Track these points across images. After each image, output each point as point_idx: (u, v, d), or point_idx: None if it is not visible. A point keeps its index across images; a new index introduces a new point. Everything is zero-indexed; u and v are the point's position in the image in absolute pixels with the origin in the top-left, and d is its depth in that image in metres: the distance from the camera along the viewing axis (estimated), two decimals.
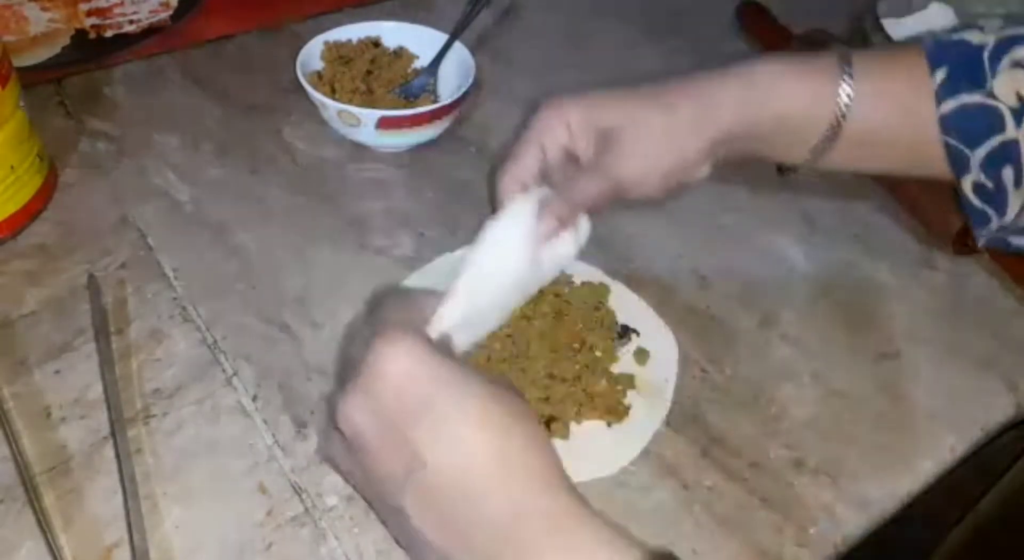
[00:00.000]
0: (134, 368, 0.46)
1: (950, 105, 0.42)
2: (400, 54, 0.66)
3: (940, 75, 0.42)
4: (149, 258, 0.52)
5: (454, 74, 0.63)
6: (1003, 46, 0.41)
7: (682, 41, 0.78)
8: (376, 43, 0.65)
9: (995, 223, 0.44)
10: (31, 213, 0.53)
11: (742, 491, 0.43)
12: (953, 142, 0.42)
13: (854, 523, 0.43)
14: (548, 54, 0.74)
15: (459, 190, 0.59)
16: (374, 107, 0.59)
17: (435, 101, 0.63)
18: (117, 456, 0.41)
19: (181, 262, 0.52)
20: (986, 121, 0.41)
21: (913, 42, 0.44)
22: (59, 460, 0.41)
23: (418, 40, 0.66)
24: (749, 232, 0.58)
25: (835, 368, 0.50)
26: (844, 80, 0.43)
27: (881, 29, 0.67)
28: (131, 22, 0.66)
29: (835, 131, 0.43)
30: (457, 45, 0.64)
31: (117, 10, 0.65)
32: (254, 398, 0.45)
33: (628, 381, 0.47)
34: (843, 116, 0.43)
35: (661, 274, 0.54)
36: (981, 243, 0.46)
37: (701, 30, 0.79)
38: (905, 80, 0.43)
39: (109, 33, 0.66)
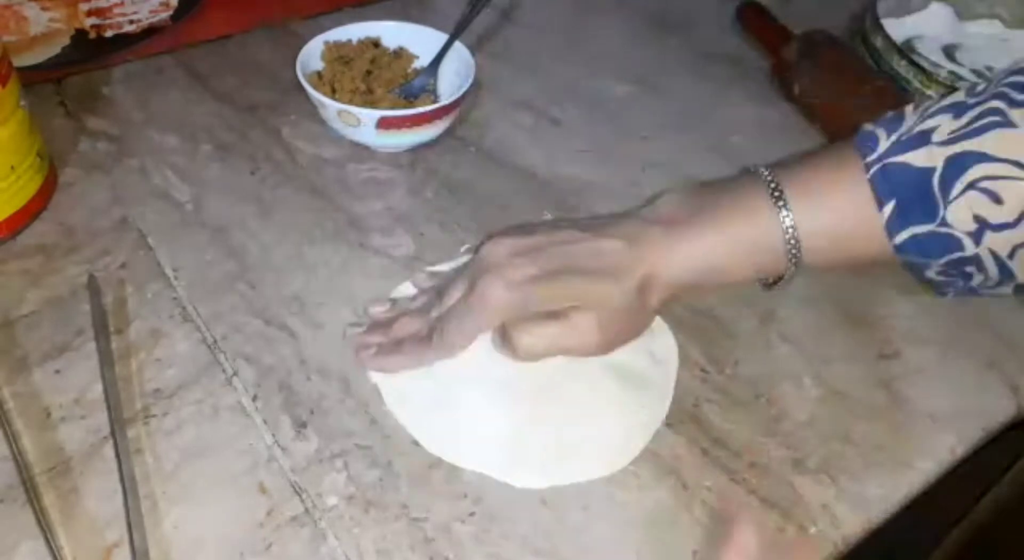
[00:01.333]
0: (134, 368, 0.46)
1: (903, 236, 0.42)
2: (400, 54, 0.66)
3: (887, 210, 0.42)
4: (149, 258, 0.52)
5: (454, 74, 0.63)
6: (955, 167, 0.40)
7: (682, 41, 0.78)
8: (376, 43, 0.65)
9: (962, 287, 0.45)
10: (31, 213, 0.53)
11: (742, 491, 0.43)
12: (909, 259, 0.43)
13: (854, 523, 0.43)
14: (548, 54, 0.74)
15: (459, 190, 0.59)
16: (374, 107, 0.59)
17: (435, 101, 0.63)
18: (117, 456, 0.41)
19: (181, 262, 0.52)
20: (942, 245, 0.42)
21: (853, 152, 0.44)
22: (59, 460, 0.41)
23: (418, 40, 0.66)
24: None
25: (835, 368, 0.50)
26: (786, 224, 0.43)
27: (881, 29, 0.67)
28: (131, 22, 0.66)
29: (795, 253, 0.44)
30: (457, 45, 0.64)
31: (117, 10, 0.65)
32: (254, 398, 0.45)
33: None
34: (794, 256, 0.44)
35: None
36: (949, 297, 0.48)
37: (701, 31, 0.79)
38: (852, 220, 0.43)
39: (109, 33, 0.66)
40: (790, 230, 0.43)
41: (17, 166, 0.51)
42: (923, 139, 0.41)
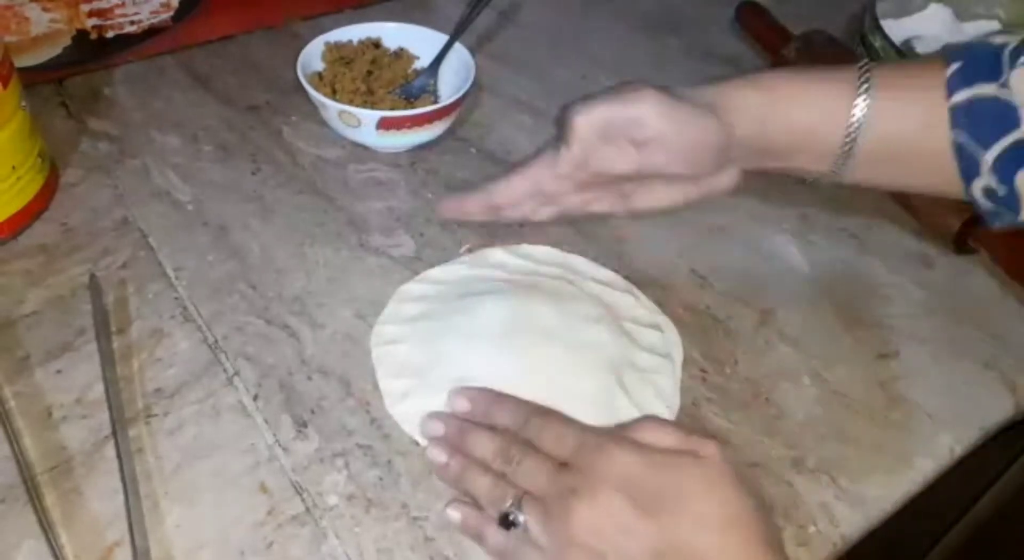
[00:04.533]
0: (135, 368, 0.46)
1: (962, 96, 0.40)
2: (400, 55, 0.66)
3: (954, 66, 0.41)
4: (150, 258, 0.52)
5: (454, 74, 0.63)
6: (1019, 49, 0.39)
7: (681, 41, 0.78)
8: (377, 44, 0.66)
9: (1007, 219, 0.42)
10: (32, 213, 0.53)
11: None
12: (963, 140, 0.41)
13: (853, 522, 0.43)
14: (547, 54, 0.74)
15: (459, 190, 0.59)
16: (374, 108, 0.59)
17: (435, 101, 0.63)
18: (118, 455, 0.41)
19: (182, 262, 0.52)
20: (999, 116, 0.40)
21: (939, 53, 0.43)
22: (60, 459, 0.41)
23: (418, 41, 0.66)
24: (748, 232, 0.59)
25: (835, 368, 0.50)
26: (860, 96, 0.42)
27: (880, 29, 0.67)
28: (132, 23, 0.66)
29: (849, 147, 0.43)
30: (457, 45, 0.64)
31: (118, 11, 0.65)
32: (255, 398, 0.45)
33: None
34: (856, 132, 0.43)
35: (661, 274, 0.54)
36: (995, 226, 0.44)
37: (701, 30, 0.79)
38: (923, 95, 0.42)
39: (110, 33, 0.66)
40: (862, 93, 0.42)
41: (18, 166, 0.51)
42: (1003, 34, 0.42)
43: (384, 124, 0.57)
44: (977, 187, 0.42)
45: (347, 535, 0.40)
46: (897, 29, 0.71)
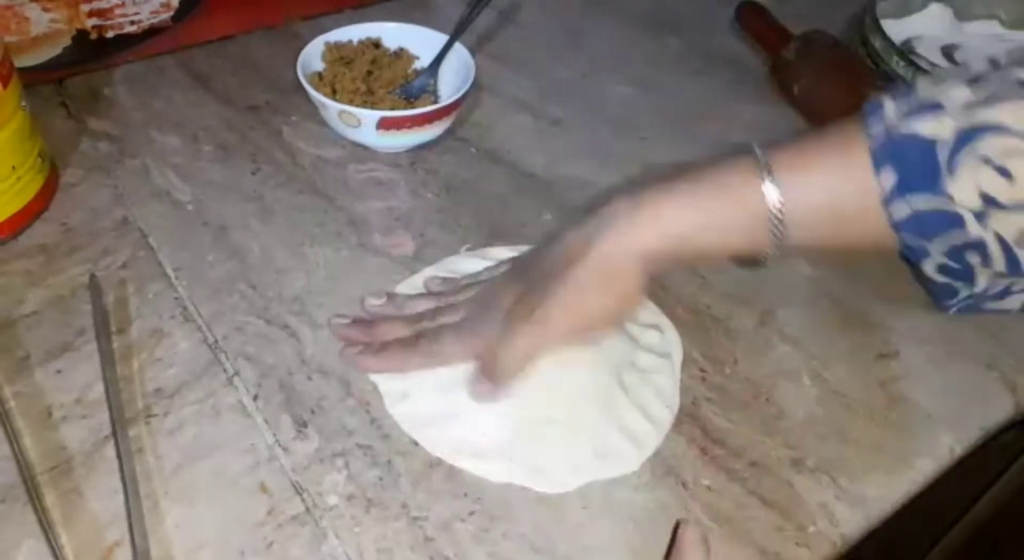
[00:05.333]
0: (135, 368, 0.46)
1: (902, 211, 0.38)
2: (400, 55, 0.66)
3: (887, 181, 0.38)
4: (150, 258, 0.52)
5: (454, 74, 0.63)
6: (965, 138, 0.37)
7: (682, 41, 0.78)
8: (377, 44, 0.66)
9: (963, 294, 0.41)
10: (32, 213, 0.53)
11: (742, 491, 0.43)
12: (908, 239, 0.39)
13: (853, 522, 0.43)
14: (547, 54, 0.74)
15: (459, 190, 0.60)
16: (374, 108, 0.59)
17: (435, 101, 0.63)
18: (118, 455, 0.41)
19: (182, 262, 0.52)
20: (943, 222, 0.38)
21: (857, 125, 0.40)
22: (60, 459, 0.41)
23: (418, 41, 0.66)
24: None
25: (834, 368, 0.50)
26: (772, 199, 0.39)
27: (880, 29, 0.67)
28: (132, 23, 0.66)
29: (776, 246, 0.41)
30: (457, 45, 0.64)
31: (118, 11, 0.65)
32: (255, 398, 0.45)
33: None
34: (778, 233, 0.40)
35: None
36: (951, 312, 0.43)
37: (701, 30, 0.79)
38: (848, 194, 0.39)
39: (110, 33, 0.66)
40: (775, 204, 0.40)
41: (18, 166, 0.51)
42: (934, 108, 0.38)
43: (384, 124, 0.57)
44: (929, 266, 0.40)
45: (347, 535, 0.40)
46: (897, 29, 0.71)
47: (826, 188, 0.40)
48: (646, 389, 0.47)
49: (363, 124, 0.57)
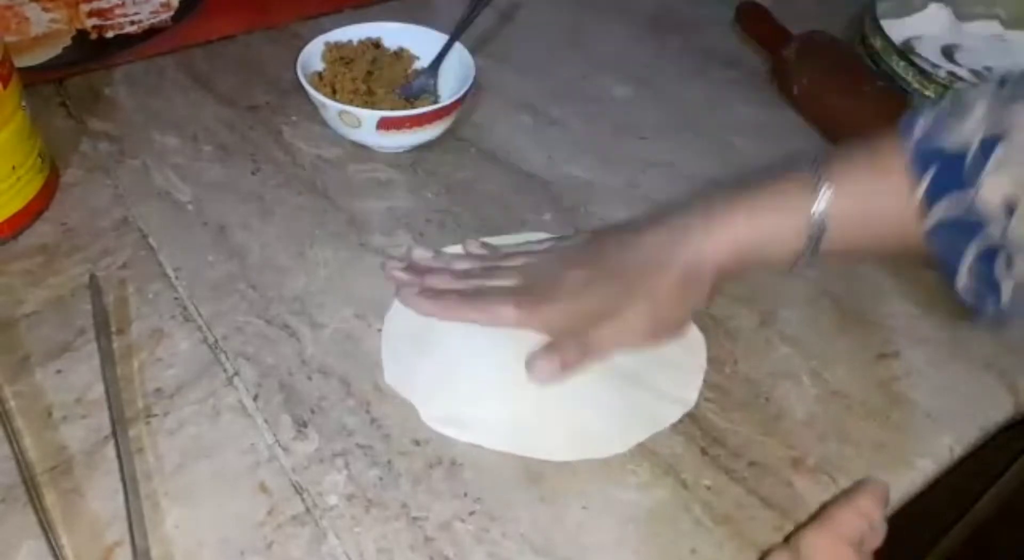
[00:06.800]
0: (135, 368, 0.46)
1: (934, 216, 0.40)
2: (401, 55, 0.66)
3: (922, 187, 0.40)
4: (150, 258, 0.52)
5: (454, 75, 0.63)
6: (991, 140, 0.38)
7: (682, 41, 0.78)
8: (377, 44, 0.66)
9: (991, 311, 0.42)
10: (32, 213, 0.53)
11: (742, 491, 0.43)
12: (939, 250, 0.41)
13: None
14: (548, 54, 0.74)
15: (459, 190, 0.60)
16: (375, 108, 0.59)
17: (435, 102, 0.63)
18: (118, 455, 0.41)
19: (182, 262, 0.52)
20: (972, 226, 0.40)
21: (893, 141, 0.42)
22: (60, 459, 0.41)
23: (419, 41, 0.66)
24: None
25: (834, 368, 0.50)
26: (817, 205, 0.42)
27: (880, 29, 0.67)
28: (132, 23, 0.66)
29: (812, 255, 0.43)
30: (457, 46, 0.64)
31: (118, 11, 0.65)
32: (255, 398, 0.45)
33: None
34: (818, 242, 0.43)
35: None
36: (982, 327, 0.46)
37: (701, 31, 0.79)
38: (884, 196, 0.42)
39: (110, 33, 0.66)
40: (819, 208, 0.42)
41: (18, 166, 0.51)
42: (963, 114, 0.40)
43: (384, 124, 0.57)
44: (960, 284, 0.42)
45: (347, 535, 0.40)
46: (897, 29, 0.71)
47: (866, 197, 0.42)
48: (665, 374, 0.48)
49: (363, 124, 0.57)
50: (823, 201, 0.42)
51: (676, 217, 0.46)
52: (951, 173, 0.39)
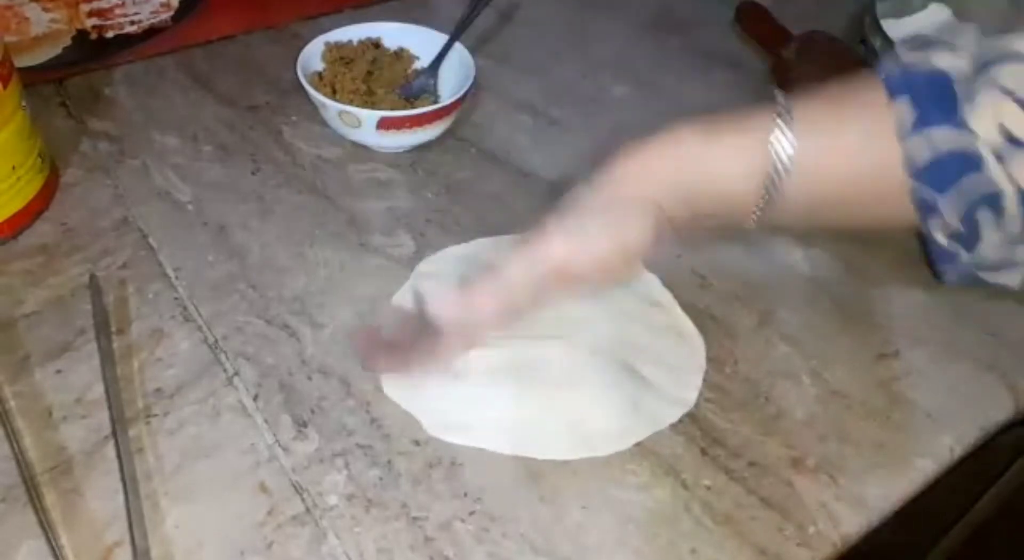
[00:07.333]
0: (135, 368, 0.46)
1: (919, 151, 0.36)
2: (401, 55, 0.66)
3: (903, 108, 0.36)
4: (150, 258, 0.52)
5: (454, 74, 0.64)
6: (983, 67, 0.35)
7: (682, 41, 0.78)
8: (377, 44, 0.66)
9: (963, 259, 0.38)
10: (32, 213, 0.53)
11: (741, 491, 0.43)
12: (919, 186, 0.36)
13: (853, 522, 0.43)
14: (548, 54, 0.74)
15: (459, 190, 0.60)
16: (375, 108, 0.59)
17: (435, 102, 0.63)
18: (118, 455, 0.41)
19: (182, 262, 0.52)
20: (961, 162, 0.35)
21: (872, 77, 0.38)
22: (60, 459, 0.41)
23: (419, 41, 0.66)
24: (748, 232, 0.58)
25: (834, 368, 0.50)
26: (779, 139, 0.38)
27: (880, 29, 0.67)
28: (132, 23, 0.66)
29: (773, 194, 0.39)
30: (457, 46, 0.64)
31: (118, 11, 0.65)
32: (255, 398, 0.45)
33: None
34: (780, 177, 0.38)
35: (661, 274, 0.54)
36: (948, 280, 0.40)
37: (701, 30, 0.79)
38: (857, 126, 0.37)
39: (110, 33, 0.66)
40: (787, 148, 0.37)
41: (18, 166, 0.51)
42: (949, 45, 0.36)
43: (384, 124, 0.57)
44: (935, 225, 0.38)
45: (347, 535, 0.40)
46: (897, 29, 0.71)
47: (837, 134, 0.38)
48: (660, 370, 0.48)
49: (363, 124, 0.57)
50: (786, 135, 0.37)
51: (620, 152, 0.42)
52: (940, 98, 0.35)
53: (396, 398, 0.46)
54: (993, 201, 0.35)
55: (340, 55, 0.63)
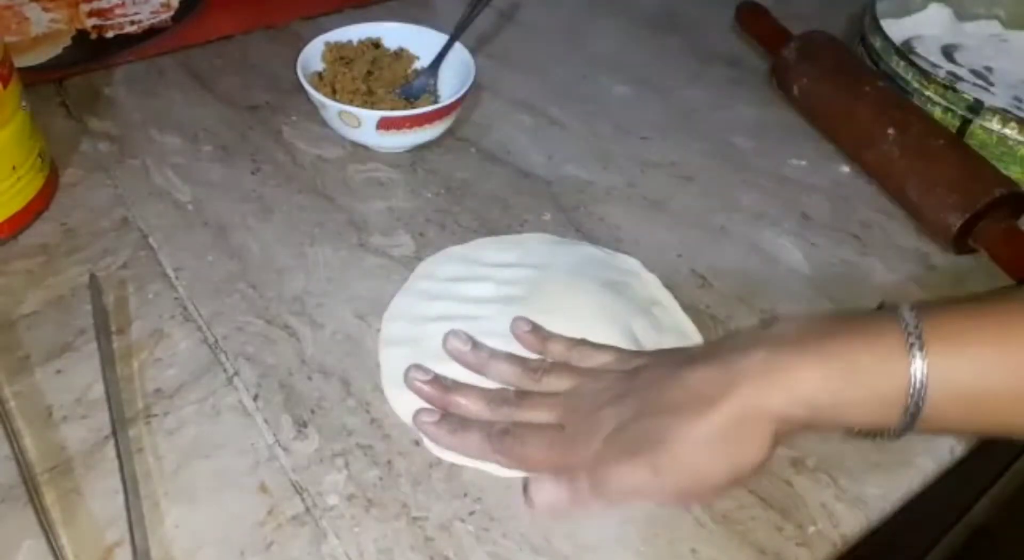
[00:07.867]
0: (135, 368, 0.46)
1: None
2: (401, 55, 0.66)
3: None
4: (150, 258, 0.52)
5: (454, 74, 0.64)
6: None
7: (682, 41, 0.78)
8: (377, 44, 0.66)
9: None
10: (33, 213, 0.53)
11: (742, 491, 0.43)
12: None
13: (853, 522, 0.43)
14: (548, 54, 0.74)
15: (459, 190, 0.60)
16: (375, 108, 0.59)
17: (435, 101, 0.63)
18: (118, 455, 0.41)
19: (182, 262, 0.52)
20: None
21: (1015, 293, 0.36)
22: (60, 459, 0.41)
23: (418, 41, 0.66)
24: (749, 232, 0.59)
25: None
26: (918, 369, 0.35)
27: (880, 29, 0.68)
28: (132, 23, 0.66)
29: (915, 421, 0.36)
30: (457, 45, 0.64)
31: (118, 11, 0.65)
32: (255, 398, 0.45)
33: None
34: (915, 414, 0.36)
35: (661, 274, 0.54)
36: None
37: (701, 30, 0.79)
38: (1001, 369, 0.35)
39: (110, 33, 0.66)
40: (917, 384, 0.35)
41: (19, 166, 0.51)
42: None
43: (384, 124, 0.57)
44: None
45: (347, 535, 0.40)
46: (897, 29, 0.71)
47: (978, 368, 0.36)
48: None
49: (363, 124, 0.57)
50: (919, 371, 0.35)
51: (735, 354, 0.39)
52: None
53: (400, 413, 0.45)
54: None
55: (340, 55, 0.63)
